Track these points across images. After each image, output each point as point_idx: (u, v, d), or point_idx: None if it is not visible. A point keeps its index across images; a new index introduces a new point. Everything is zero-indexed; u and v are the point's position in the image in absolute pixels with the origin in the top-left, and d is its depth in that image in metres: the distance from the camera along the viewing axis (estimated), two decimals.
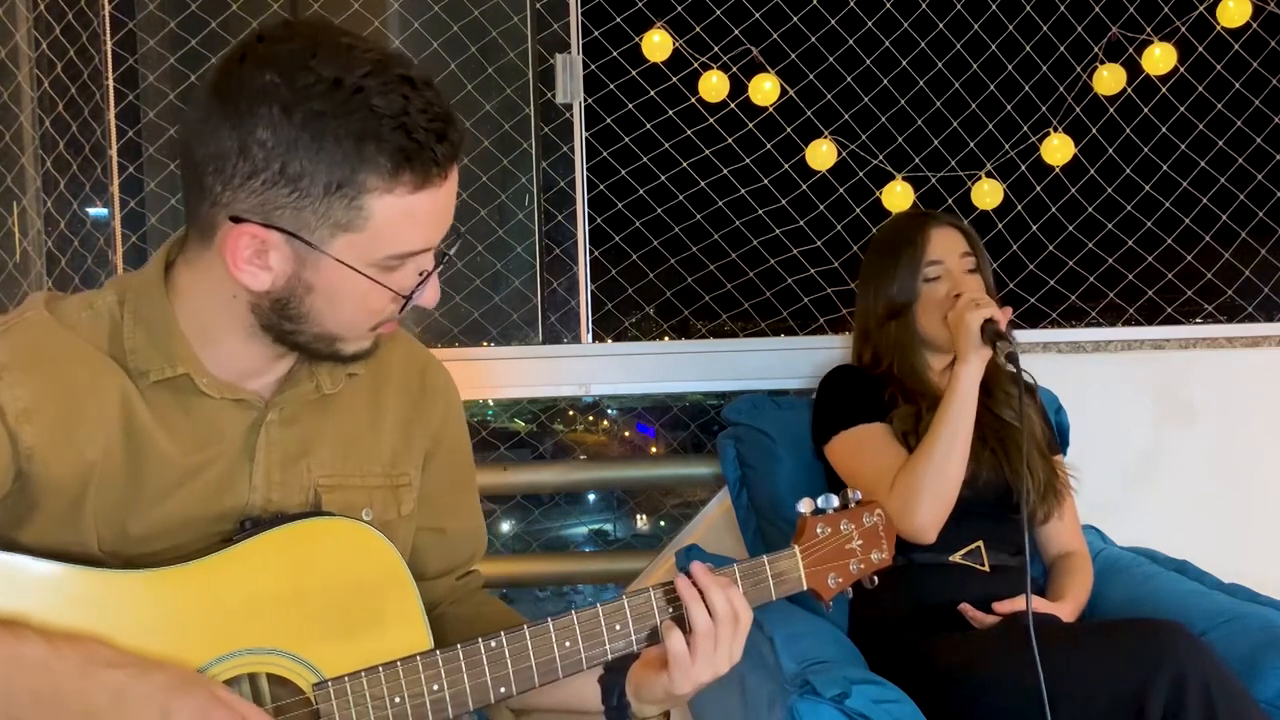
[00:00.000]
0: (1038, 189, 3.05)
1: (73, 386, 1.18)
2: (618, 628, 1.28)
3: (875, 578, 1.45)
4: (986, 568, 2.11)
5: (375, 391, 1.35)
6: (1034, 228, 3.04)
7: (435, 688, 1.21)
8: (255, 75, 1.09)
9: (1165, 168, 3.03)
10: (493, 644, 1.23)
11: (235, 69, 1.10)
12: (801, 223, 3.05)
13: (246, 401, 1.25)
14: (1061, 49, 3.01)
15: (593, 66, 2.99)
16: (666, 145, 3.01)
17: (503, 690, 1.23)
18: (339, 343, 1.22)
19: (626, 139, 3.01)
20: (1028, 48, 3.01)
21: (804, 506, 1.41)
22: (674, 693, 1.29)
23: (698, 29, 2.99)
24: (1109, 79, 3.01)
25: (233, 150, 1.09)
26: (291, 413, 1.28)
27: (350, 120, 1.08)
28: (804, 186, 3.05)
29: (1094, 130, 3.03)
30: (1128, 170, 3.05)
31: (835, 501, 1.43)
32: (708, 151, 3.01)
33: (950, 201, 3.03)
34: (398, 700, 1.19)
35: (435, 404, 1.41)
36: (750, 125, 3.02)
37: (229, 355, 1.23)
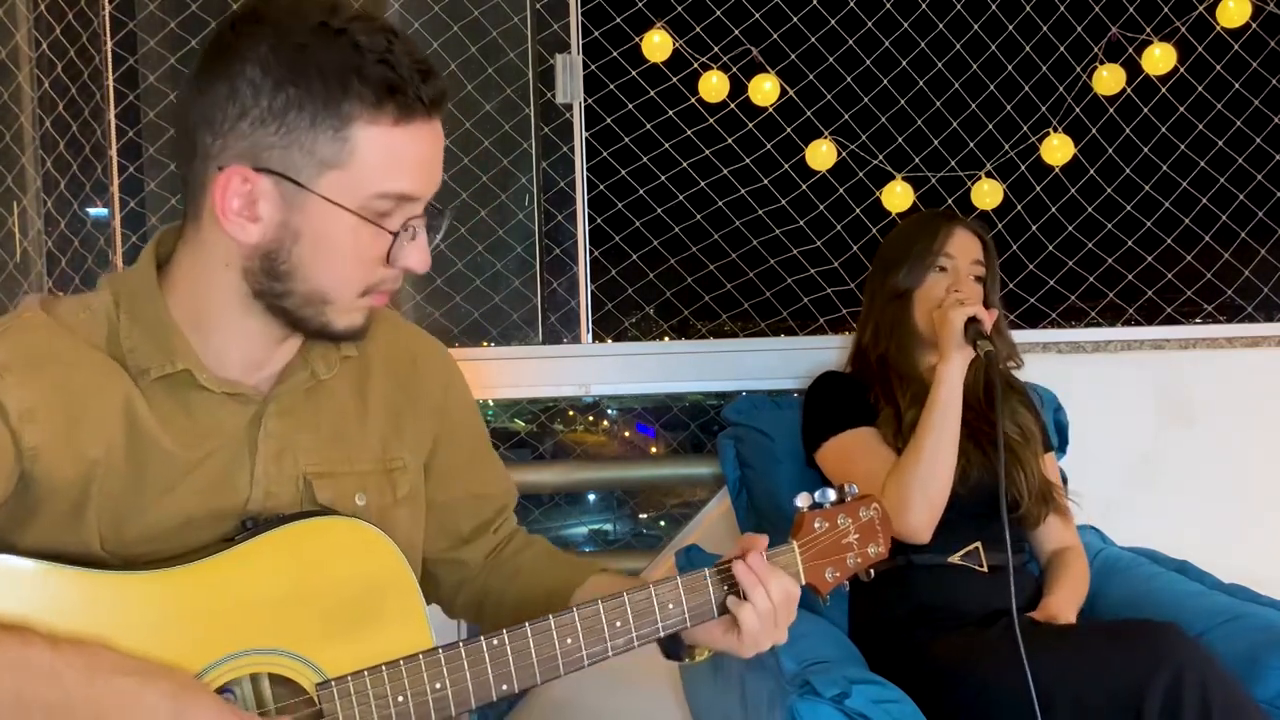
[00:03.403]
0: (1038, 189, 3.05)
1: (75, 387, 1.17)
2: (619, 625, 1.28)
3: (872, 571, 1.46)
4: (985, 568, 2.11)
5: (359, 383, 1.35)
6: (1034, 228, 3.04)
7: (438, 685, 1.21)
8: (245, 29, 1.15)
9: (1165, 168, 3.03)
10: (494, 641, 1.23)
11: (226, 33, 1.16)
12: (801, 223, 3.05)
13: (246, 396, 1.25)
14: (1061, 49, 3.01)
15: (593, 66, 2.99)
16: (666, 145, 3.01)
17: (504, 687, 1.23)
18: (329, 308, 1.21)
19: (626, 139, 3.01)
20: (1028, 48, 3.01)
21: (801, 501, 1.42)
22: (738, 654, 1.35)
23: (698, 29, 2.99)
24: (1109, 79, 3.01)
25: (222, 96, 1.14)
26: (288, 404, 1.28)
27: (334, 54, 1.13)
28: (804, 186, 3.05)
29: (1094, 130, 3.03)
30: (1127, 170, 3.05)
31: (832, 496, 1.44)
32: (708, 151, 3.02)
33: (950, 201, 3.03)
34: (400, 699, 1.20)
35: (431, 386, 1.41)
36: (750, 125, 3.02)
37: (228, 344, 1.23)
